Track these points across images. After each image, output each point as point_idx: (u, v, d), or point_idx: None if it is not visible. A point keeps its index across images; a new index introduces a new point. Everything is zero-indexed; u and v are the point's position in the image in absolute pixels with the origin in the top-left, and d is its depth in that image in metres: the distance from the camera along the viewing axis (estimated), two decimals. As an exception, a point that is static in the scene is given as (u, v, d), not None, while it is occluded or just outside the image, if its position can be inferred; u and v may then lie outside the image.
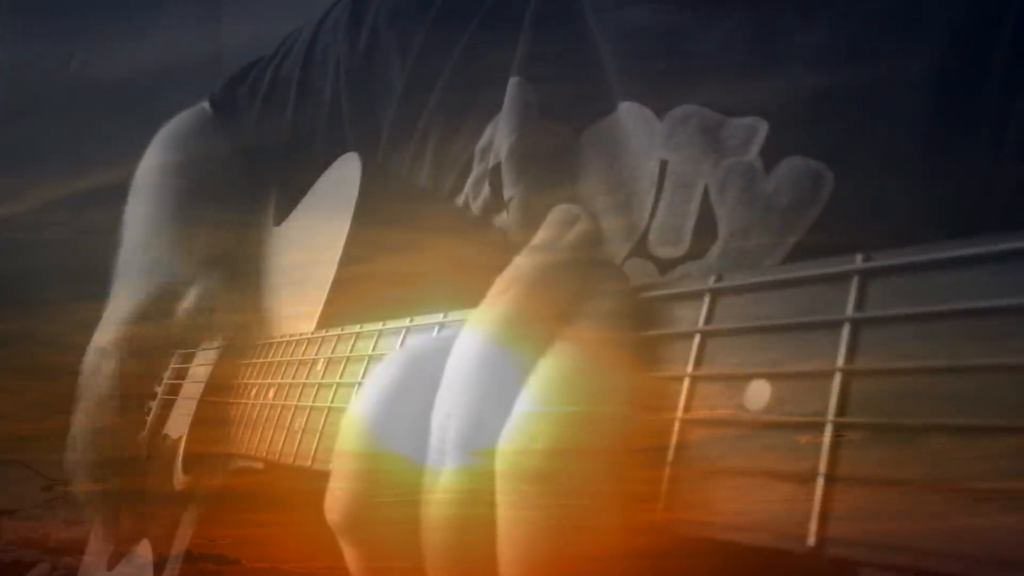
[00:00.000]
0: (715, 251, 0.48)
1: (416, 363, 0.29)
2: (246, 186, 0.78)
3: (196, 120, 0.87)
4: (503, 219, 0.57)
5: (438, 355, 0.28)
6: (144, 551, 0.65)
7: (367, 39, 0.72)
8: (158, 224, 0.77)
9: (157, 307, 0.68)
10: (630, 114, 0.53)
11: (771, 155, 0.47)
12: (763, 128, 0.47)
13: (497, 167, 0.57)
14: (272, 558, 0.60)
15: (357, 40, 0.72)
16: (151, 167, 0.83)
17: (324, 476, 0.42)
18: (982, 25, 0.42)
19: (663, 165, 0.51)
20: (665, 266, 0.50)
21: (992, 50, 0.41)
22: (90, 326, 0.70)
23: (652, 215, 0.51)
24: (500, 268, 0.34)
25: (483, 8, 0.63)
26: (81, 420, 0.67)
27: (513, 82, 0.58)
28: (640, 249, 0.51)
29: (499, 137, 0.58)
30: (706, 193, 0.49)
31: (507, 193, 0.57)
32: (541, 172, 0.56)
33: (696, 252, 0.49)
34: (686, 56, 0.52)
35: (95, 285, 0.74)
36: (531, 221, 0.56)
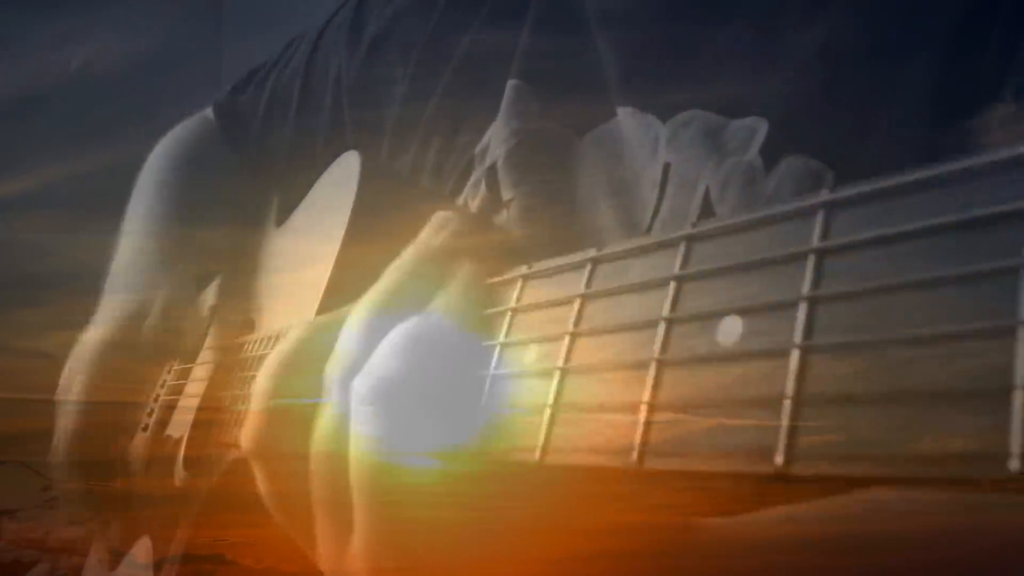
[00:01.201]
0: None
1: (314, 334, 0.38)
2: (248, 193, 0.79)
3: (199, 129, 0.88)
4: (502, 219, 0.58)
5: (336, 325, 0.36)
6: (144, 551, 0.65)
7: (368, 44, 0.73)
8: (151, 236, 0.78)
9: (138, 319, 0.69)
10: (632, 118, 0.54)
11: (771, 154, 0.47)
12: (763, 128, 0.48)
13: (493, 167, 0.58)
14: (271, 559, 0.60)
15: (358, 45, 0.73)
16: (151, 178, 0.84)
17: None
18: (982, 22, 0.43)
19: (666, 168, 0.51)
20: None
21: (992, 47, 0.42)
22: (25, 332, 0.70)
23: (654, 217, 0.52)
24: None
25: (483, 12, 0.63)
26: (61, 425, 0.68)
27: (512, 85, 0.59)
28: None
29: (496, 139, 0.58)
30: (707, 194, 0.49)
31: (506, 195, 0.57)
32: (541, 175, 0.56)
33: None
34: (687, 59, 0.52)
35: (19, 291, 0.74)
36: (531, 222, 0.56)
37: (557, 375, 0.29)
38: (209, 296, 0.74)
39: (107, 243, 0.79)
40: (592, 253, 0.30)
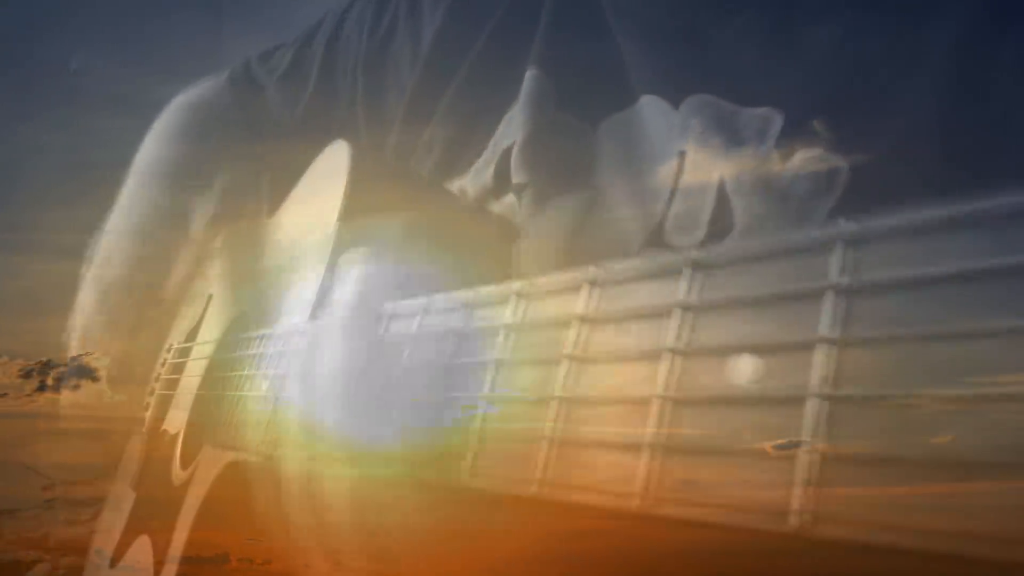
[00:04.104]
0: (731, 239, 0.48)
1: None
2: (249, 160, 0.79)
3: (212, 91, 0.87)
4: (501, 205, 0.57)
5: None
6: (144, 552, 0.65)
7: (386, 30, 0.72)
8: (151, 191, 0.79)
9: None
10: (648, 107, 0.54)
11: (787, 146, 0.47)
12: (778, 119, 0.47)
13: (506, 153, 0.58)
14: (271, 557, 0.60)
15: (377, 30, 0.73)
16: (160, 129, 0.84)
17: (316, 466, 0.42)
18: (995, 17, 0.42)
19: (681, 156, 0.51)
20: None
21: (1005, 43, 0.41)
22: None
23: (669, 204, 0.51)
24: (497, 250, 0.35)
25: (501, 3, 0.63)
26: None
27: (530, 74, 0.58)
28: (656, 238, 0.52)
29: (512, 126, 0.58)
30: (722, 183, 0.49)
31: (519, 179, 0.57)
32: (556, 162, 0.56)
33: (711, 240, 0.49)
34: (703, 49, 0.52)
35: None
36: (544, 209, 0.56)
37: (555, 404, 0.27)
38: (205, 286, 0.73)
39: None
40: (591, 273, 0.28)
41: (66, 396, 0.74)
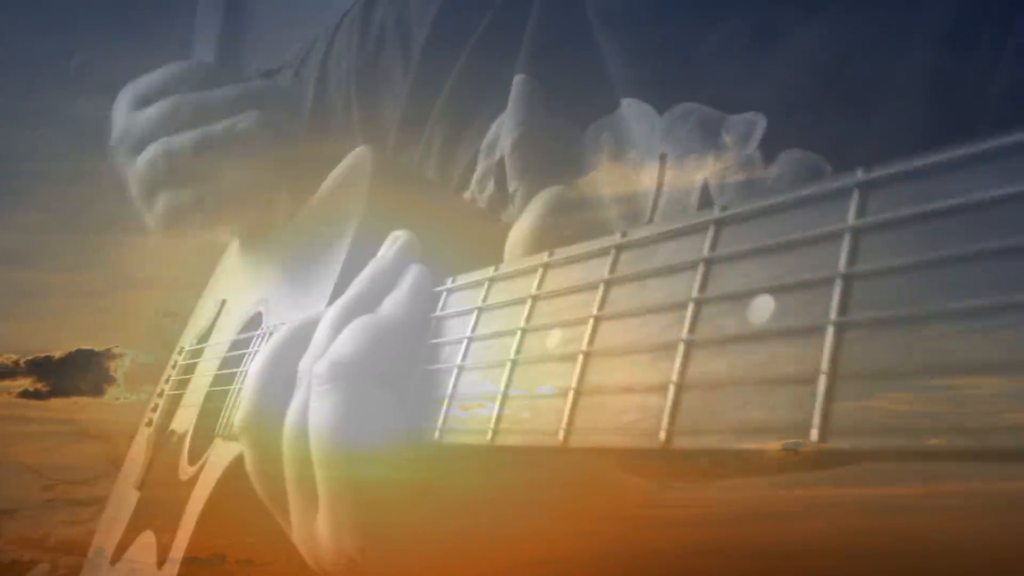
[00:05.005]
0: None
1: (296, 332, 0.42)
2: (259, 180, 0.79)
3: None
4: (508, 213, 0.58)
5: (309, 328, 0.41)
6: (147, 550, 0.65)
7: (375, 41, 0.74)
8: None
9: None
10: (631, 110, 0.55)
11: (770, 148, 0.48)
12: (762, 123, 0.49)
13: (501, 161, 0.59)
14: (275, 556, 0.60)
15: (366, 42, 0.75)
16: None
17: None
18: (977, 19, 0.44)
19: (663, 159, 0.52)
20: None
21: (988, 43, 0.43)
22: None
23: (654, 208, 0.53)
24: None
25: (490, 9, 0.64)
26: None
27: (518, 79, 0.60)
28: None
29: (504, 132, 0.59)
30: (706, 186, 0.50)
31: (511, 185, 0.58)
32: (545, 165, 0.57)
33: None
34: (687, 54, 0.53)
35: None
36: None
37: (581, 358, 0.29)
38: (216, 291, 0.74)
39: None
40: (616, 239, 0.29)
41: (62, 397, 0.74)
